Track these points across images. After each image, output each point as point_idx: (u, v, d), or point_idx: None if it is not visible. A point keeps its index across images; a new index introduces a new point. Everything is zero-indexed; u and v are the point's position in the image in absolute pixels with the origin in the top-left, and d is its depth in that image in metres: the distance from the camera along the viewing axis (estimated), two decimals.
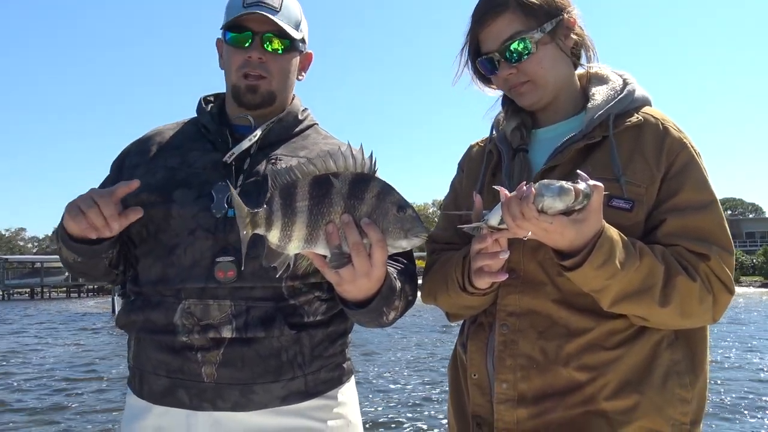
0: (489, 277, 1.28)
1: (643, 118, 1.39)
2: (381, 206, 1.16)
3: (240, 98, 1.58)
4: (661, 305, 1.23)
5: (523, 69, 1.41)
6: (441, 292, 1.47)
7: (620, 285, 1.22)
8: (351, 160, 1.17)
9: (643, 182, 1.32)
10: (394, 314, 1.45)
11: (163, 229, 1.50)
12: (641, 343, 1.31)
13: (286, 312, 1.48)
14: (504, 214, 1.17)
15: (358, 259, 1.18)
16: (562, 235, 1.17)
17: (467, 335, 1.49)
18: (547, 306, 1.34)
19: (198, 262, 1.46)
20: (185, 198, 1.50)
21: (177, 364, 1.45)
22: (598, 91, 1.44)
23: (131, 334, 1.57)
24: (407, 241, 1.18)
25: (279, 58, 1.57)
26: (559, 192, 1.11)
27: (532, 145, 1.49)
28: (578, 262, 1.20)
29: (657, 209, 1.32)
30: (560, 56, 1.44)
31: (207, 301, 1.45)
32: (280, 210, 1.19)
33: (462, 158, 1.69)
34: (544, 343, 1.34)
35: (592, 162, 1.35)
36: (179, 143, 1.62)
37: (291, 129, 1.64)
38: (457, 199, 1.64)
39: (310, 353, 1.51)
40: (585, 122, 1.39)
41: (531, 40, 1.39)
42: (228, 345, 1.44)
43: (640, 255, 1.22)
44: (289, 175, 1.19)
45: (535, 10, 1.39)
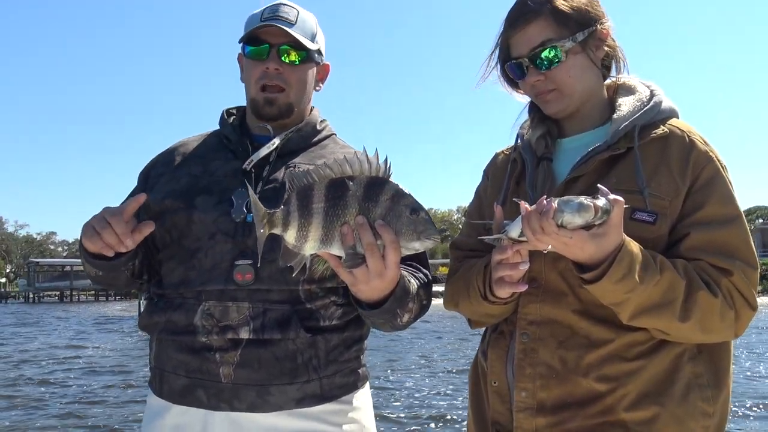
0: (509, 287, 1.29)
1: (669, 130, 1.37)
2: (395, 209, 1.19)
3: (259, 111, 1.63)
4: (682, 320, 1.22)
5: (551, 77, 1.40)
6: (463, 299, 1.47)
7: (640, 299, 1.21)
8: (366, 165, 1.20)
9: (667, 195, 1.30)
10: (408, 316, 1.47)
11: (185, 234, 1.55)
12: (662, 355, 1.30)
13: (302, 315, 1.51)
14: (524, 227, 1.18)
15: (372, 259, 1.20)
16: (582, 249, 1.17)
17: (488, 343, 1.49)
18: (567, 316, 1.34)
19: (218, 265, 1.50)
20: (206, 204, 1.55)
21: (196, 364, 1.49)
22: (625, 101, 1.43)
23: (153, 335, 1.60)
24: (420, 243, 1.20)
25: (296, 69, 1.62)
26: (578, 208, 1.12)
27: (557, 154, 1.48)
28: (598, 276, 1.20)
29: (681, 222, 1.30)
30: (589, 66, 1.43)
31: (226, 303, 1.48)
32: (296, 211, 1.22)
33: (487, 165, 1.69)
34: (563, 352, 1.33)
35: (616, 173, 1.34)
36: (202, 153, 1.68)
37: (309, 139, 1.68)
38: (481, 207, 1.64)
39: (325, 357, 1.53)
40: (610, 133, 1.37)
41: (561, 49, 1.38)
42: (245, 346, 1.47)
43: (660, 269, 1.21)
44: (306, 178, 1.22)
45: (569, 19, 1.38)
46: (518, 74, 1.45)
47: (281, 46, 1.59)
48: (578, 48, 1.39)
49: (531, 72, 1.41)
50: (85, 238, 1.42)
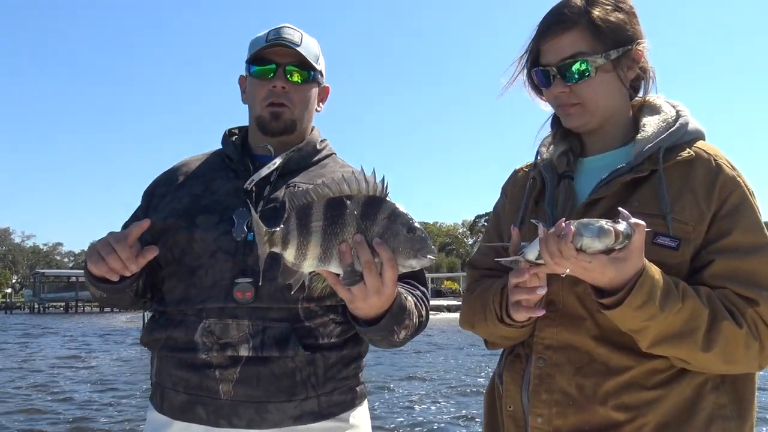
0: (526, 311, 1.26)
1: (695, 152, 1.32)
2: (392, 227, 1.20)
3: (264, 126, 1.66)
4: (704, 350, 1.18)
5: (576, 90, 1.36)
6: (479, 320, 1.45)
7: (660, 327, 1.18)
8: (364, 184, 1.21)
9: (691, 220, 1.26)
10: (405, 333, 1.48)
11: (186, 252, 1.57)
12: (683, 385, 1.25)
13: (301, 333, 1.53)
14: (542, 250, 1.15)
15: (370, 277, 1.22)
16: (601, 273, 1.14)
17: (504, 365, 1.46)
18: (585, 342, 1.30)
19: (218, 283, 1.52)
20: (207, 223, 1.57)
21: (196, 381, 1.50)
22: (649, 122, 1.38)
23: (154, 352, 1.62)
24: (417, 261, 1.21)
25: (300, 88, 1.67)
26: (598, 232, 1.09)
27: (578, 173, 1.44)
28: (617, 302, 1.16)
29: (705, 249, 1.26)
30: (617, 87, 1.38)
31: (226, 320, 1.50)
32: (295, 229, 1.24)
33: (506, 183, 1.65)
34: (581, 379, 1.29)
35: (638, 196, 1.30)
36: (204, 172, 1.71)
37: (310, 158, 1.72)
38: (499, 225, 1.60)
39: (323, 374, 1.55)
40: (633, 154, 1.33)
41: (592, 64, 1.33)
42: (245, 363, 1.49)
43: (682, 297, 1.18)
44: (305, 197, 1.24)
45: (606, 35, 1.33)
46: (544, 82, 1.40)
47: (287, 66, 1.64)
48: (609, 66, 1.34)
49: (557, 82, 1.37)
50: (90, 262, 1.44)
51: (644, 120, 1.40)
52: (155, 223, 1.60)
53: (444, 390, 11.84)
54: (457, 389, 11.88)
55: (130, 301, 1.64)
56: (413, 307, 1.50)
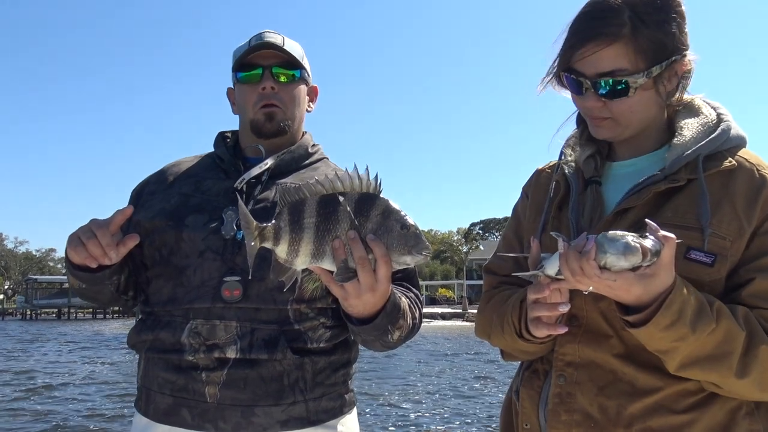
0: (546, 328, 1.18)
1: (737, 162, 1.22)
2: (386, 223, 1.20)
3: (259, 128, 1.66)
4: (739, 376, 1.09)
5: (611, 107, 1.24)
6: (496, 332, 1.37)
7: (690, 349, 1.09)
8: (357, 181, 1.21)
9: (729, 234, 1.16)
10: (399, 334, 1.47)
11: (174, 251, 1.56)
12: (715, 409, 1.16)
13: (290, 336, 1.51)
14: (562, 267, 1.07)
15: (363, 273, 1.21)
16: (627, 291, 1.06)
17: (521, 381, 1.37)
18: (609, 359, 1.21)
19: (206, 283, 1.51)
20: (196, 222, 1.56)
21: (182, 383, 1.48)
22: (687, 125, 1.27)
23: (141, 354, 1.60)
24: (411, 257, 1.20)
25: (288, 87, 1.67)
26: (624, 249, 1.00)
27: (606, 178, 1.35)
28: (643, 320, 1.08)
29: (744, 266, 1.16)
30: (655, 100, 1.26)
31: (213, 321, 1.48)
32: (288, 225, 1.23)
33: (527, 183, 1.54)
34: (604, 400, 1.20)
35: (672, 206, 1.20)
36: (194, 173, 1.70)
37: (301, 161, 1.71)
38: (519, 228, 1.50)
39: (312, 379, 1.53)
40: (669, 160, 1.22)
41: (632, 85, 1.20)
42: (232, 366, 1.47)
43: (716, 317, 1.08)
44: (298, 194, 1.24)
45: (649, 49, 1.20)
46: (575, 89, 1.28)
47: (274, 67, 1.64)
48: (650, 83, 1.22)
49: (590, 95, 1.25)
50: (69, 248, 1.42)
51: (682, 123, 1.29)
52: (143, 222, 1.60)
53: (436, 398, 11.81)
54: (449, 397, 11.85)
55: (110, 297, 1.61)
56: (407, 308, 1.49)
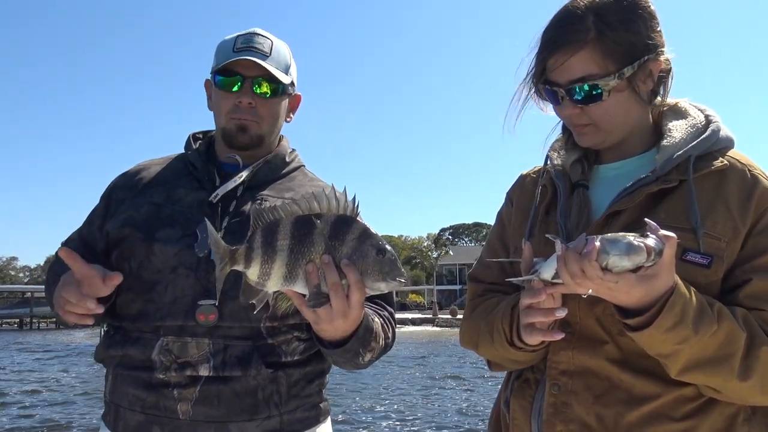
0: (541, 335, 1.15)
1: (728, 162, 1.22)
2: (361, 248, 1.18)
3: (230, 140, 1.59)
4: (741, 378, 1.07)
5: (589, 112, 1.25)
6: (484, 341, 1.34)
7: (692, 351, 1.07)
8: (334, 202, 1.19)
9: (724, 235, 1.16)
10: (370, 356, 1.46)
11: (144, 265, 1.51)
12: (714, 415, 1.14)
13: (264, 351, 1.49)
14: (560, 270, 1.05)
15: (336, 299, 1.19)
16: (628, 293, 1.04)
17: (511, 391, 1.34)
18: (605, 366, 1.19)
19: (178, 300, 1.47)
20: (168, 236, 1.51)
21: (153, 400, 1.45)
22: (676, 126, 1.27)
23: (109, 369, 1.56)
24: (385, 284, 1.19)
25: (268, 102, 1.59)
26: (627, 250, 0.98)
27: (594, 182, 1.34)
28: (644, 323, 1.06)
29: (740, 267, 1.16)
30: (635, 101, 1.26)
31: (185, 338, 1.45)
32: (260, 248, 1.20)
33: (512, 188, 1.52)
34: (600, 408, 1.18)
35: (665, 208, 1.20)
36: (165, 179, 1.63)
37: (278, 171, 1.66)
38: (504, 234, 1.48)
39: (286, 392, 1.51)
40: (659, 162, 1.22)
41: (604, 88, 1.21)
42: (204, 383, 1.44)
43: (718, 318, 1.07)
44: (272, 214, 1.22)
45: (617, 51, 1.20)
46: (553, 101, 1.30)
47: (254, 79, 1.56)
48: (624, 85, 1.22)
49: (566, 104, 1.26)
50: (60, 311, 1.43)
51: (669, 125, 1.29)
52: (111, 232, 1.56)
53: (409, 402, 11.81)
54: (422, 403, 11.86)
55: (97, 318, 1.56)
56: (380, 330, 1.47)
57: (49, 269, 1.63)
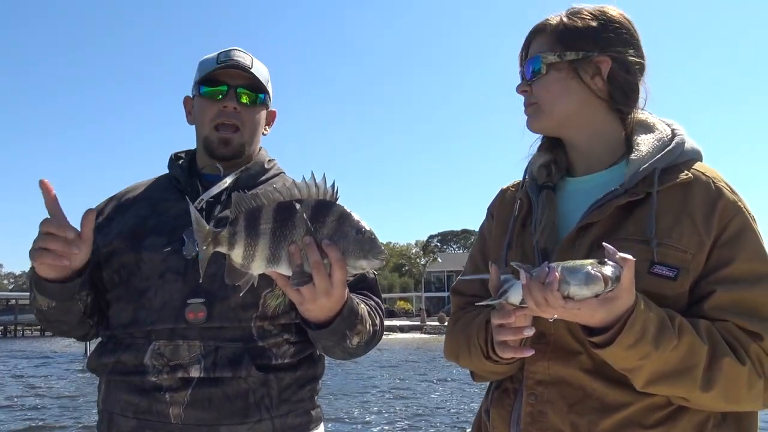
0: (512, 351, 1.20)
1: (693, 175, 1.25)
2: (341, 229, 1.21)
3: (213, 151, 1.65)
4: (704, 389, 1.11)
5: (533, 90, 1.35)
6: (463, 354, 1.38)
7: (654, 365, 1.11)
8: (314, 189, 1.23)
9: (690, 248, 1.18)
10: (358, 339, 1.48)
11: (134, 273, 1.55)
12: (684, 422, 1.18)
13: (254, 353, 1.50)
14: (526, 298, 1.09)
15: (319, 277, 1.22)
16: (591, 317, 1.09)
17: (491, 400, 1.38)
18: (579, 376, 1.22)
19: (168, 304, 1.50)
20: (155, 244, 1.55)
21: (145, 405, 1.47)
22: (643, 140, 1.30)
23: (102, 377, 1.58)
24: (366, 262, 1.22)
25: (250, 110, 1.67)
26: (586, 280, 1.03)
27: (565, 194, 1.38)
28: (607, 340, 1.10)
29: (705, 279, 1.18)
30: (580, 90, 1.32)
31: (176, 341, 1.48)
32: (243, 230, 1.24)
33: (492, 203, 1.57)
34: (575, 417, 1.21)
35: (634, 221, 1.23)
36: (149, 195, 1.69)
37: (258, 177, 1.71)
38: (485, 248, 1.51)
39: (278, 396, 1.52)
40: (627, 175, 1.25)
41: (543, 61, 1.32)
42: (196, 385, 1.46)
43: (678, 333, 1.10)
44: (255, 201, 1.25)
45: (566, 37, 1.32)
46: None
47: (239, 88, 1.64)
48: (564, 65, 1.31)
49: (521, 83, 1.38)
50: (35, 261, 1.38)
51: (638, 139, 1.32)
52: (101, 248, 1.58)
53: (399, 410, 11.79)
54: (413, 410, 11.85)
55: (78, 318, 1.56)
56: (366, 314, 1.50)
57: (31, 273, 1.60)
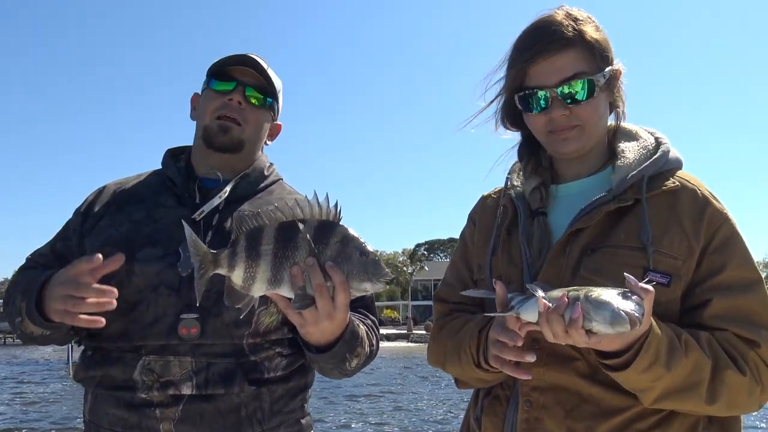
0: (509, 370, 1.19)
1: (679, 183, 1.27)
2: (345, 251, 1.19)
3: (210, 138, 1.58)
4: (709, 402, 1.13)
5: (577, 112, 1.27)
6: (451, 360, 1.37)
7: (665, 384, 1.12)
8: (317, 208, 1.21)
9: (680, 254, 1.20)
10: (357, 362, 1.46)
11: (125, 285, 1.47)
12: (677, 425, 1.20)
13: (247, 368, 1.48)
14: (543, 328, 1.07)
15: (322, 300, 1.20)
16: (608, 346, 1.09)
17: (481, 408, 1.36)
18: (575, 381, 1.22)
19: (160, 319, 1.45)
20: (150, 255, 1.49)
21: (134, 420, 1.43)
22: (628, 147, 1.32)
23: (88, 389, 1.54)
24: (370, 284, 1.20)
25: (256, 110, 1.62)
26: (612, 320, 0.99)
27: (552, 202, 1.38)
28: (622, 364, 1.10)
29: (699, 287, 1.21)
30: (608, 107, 1.33)
31: (167, 357, 1.44)
32: (244, 252, 1.22)
33: (473, 210, 1.56)
34: (572, 423, 1.21)
35: (624, 228, 1.24)
36: (144, 196, 1.61)
37: (257, 185, 1.66)
38: (467, 254, 1.51)
39: (269, 409, 1.50)
40: (615, 181, 1.27)
41: (596, 84, 1.26)
42: (187, 401, 1.43)
43: (686, 350, 1.12)
44: (256, 221, 1.23)
45: (599, 53, 1.28)
46: (534, 107, 1.30)
47: (249, 87, 1.60)
48: (605, 85, 1.29)
49: (556, 105, 1.27)
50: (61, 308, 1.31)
51: (621, 146, 1.33)
52: (90, 251, 1.51)
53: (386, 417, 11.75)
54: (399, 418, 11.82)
55: (64, 336, 1.52)
56: (365, 336, 1.48)
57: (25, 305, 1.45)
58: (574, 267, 1.25)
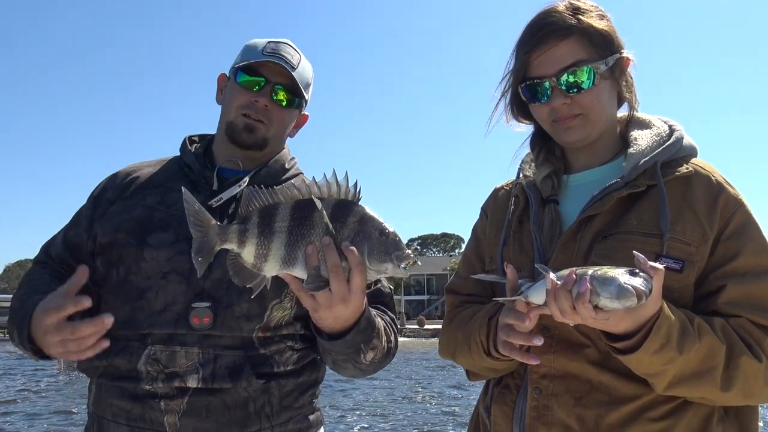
0: (518, 355, 1.18)
1: (693, 169, 1.27)
2: (363, 230, 1.15)
3: (234, 135, 1.55)
4: (724, 389, 1.11)
5: (579, 101, 1.28)
6: (461, 351, 1.36)
7: (677, 369, 1.11)
8: (335, 187, 1.17)
9: (693, 241, 1.19)
10: (373, 355, 1.39)
11: (133, 270, 1.45)
12: (690, 415, 1.18)
13: (256, 362, 1.43)
14: (551, 305, 1.07)
15: (336, 281, 1.15)
16: (617, 325, 1.07)
17: (491, 397, 1.35)
18: (585, 369, 1.21)
19: (169, 307, 1.41)
20: (161, 240, 1.45)
21: (138, 412, 1.39)
22: (641, 135, 1.32)
23: (92, 379, 1.51)
24: (392, 265, 1.14)
25: (282, 110, 1.58)
26: (618, 294, 0.99)
27: (563, 192, 1.38)
28: (632, 347, 1.09)
29: (713, 273, 1.20)
30: (613, 95, 1.33)
31: (174, 347, 1.40)
32: (256, 228, 1.17)
33: (486, 202, 1.57)
34: (581, 410, 1.20)
35: (636, 214, 1.24)
36: (159, 181, 1.58)
37: (277, 177, 1.62)
38: (479, 247, 1.50)
39: (279, 404, 1.46)
40: (627, 168, 1.26)
41: (596, 72, 1.27)
42: (193, 394, 1.39)
43: (699, 334, 1.11)
44: (271, 197, 1.19)
45: (600, 41, 1.28)
46: (538, 96, 1.32)
47: (277, 85, 1.55)
48: (608, 73, 1.29)
49: (556, 94, 1.29)
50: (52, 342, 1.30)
51: (634, 134, 1.34)
52: (101, 236, 1.49)
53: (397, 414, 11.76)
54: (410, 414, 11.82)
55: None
56: (383, 329, 1.42)
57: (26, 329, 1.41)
58: (586, 253, 1.24)
